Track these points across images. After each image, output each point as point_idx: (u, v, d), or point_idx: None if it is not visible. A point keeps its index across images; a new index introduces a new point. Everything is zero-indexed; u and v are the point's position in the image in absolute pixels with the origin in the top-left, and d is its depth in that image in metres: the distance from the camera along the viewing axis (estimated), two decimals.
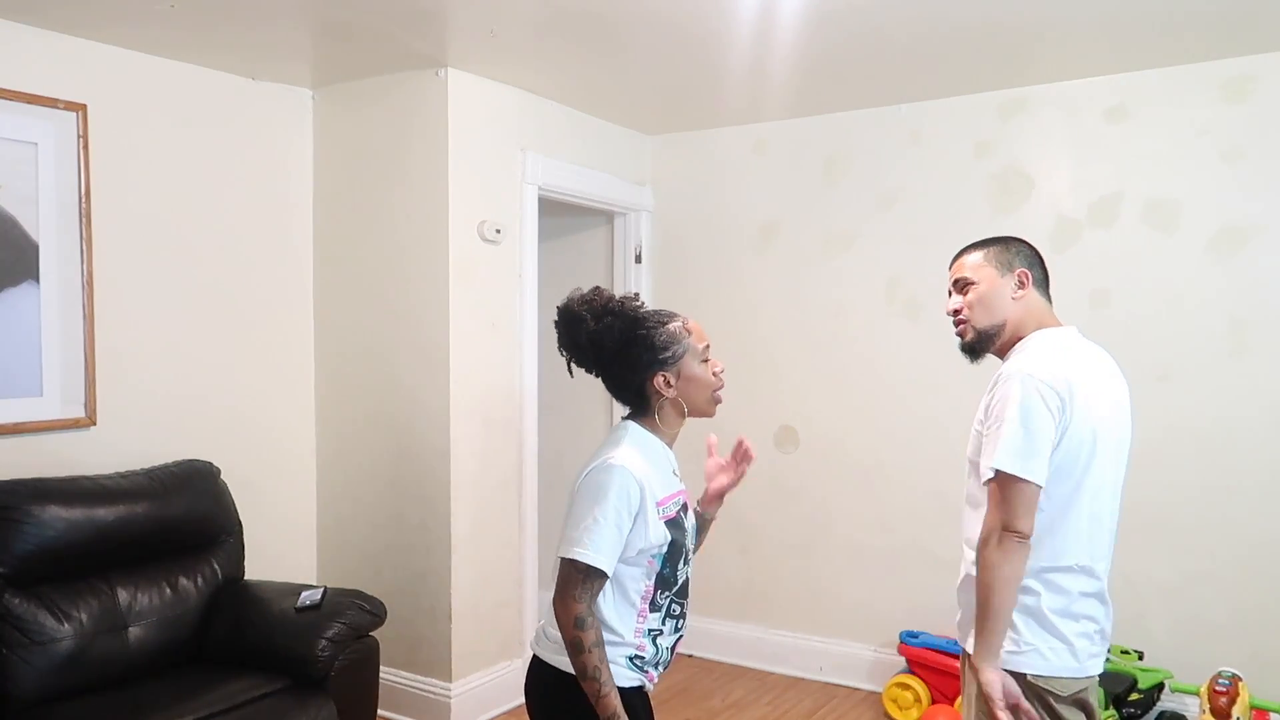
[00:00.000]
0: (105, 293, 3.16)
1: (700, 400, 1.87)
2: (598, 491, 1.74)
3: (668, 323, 1.84)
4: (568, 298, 1.87)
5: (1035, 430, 1.81)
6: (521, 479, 3.83)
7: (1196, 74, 3.37)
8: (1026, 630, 1.88)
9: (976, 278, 2.01)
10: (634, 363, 1.82)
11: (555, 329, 1.88)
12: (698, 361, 1.85)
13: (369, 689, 3.02)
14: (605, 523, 1.72)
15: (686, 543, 1.88)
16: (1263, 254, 3.30)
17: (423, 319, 3.55)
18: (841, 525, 4.08)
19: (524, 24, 3.02)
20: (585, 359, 1.87)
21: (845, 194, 4.07)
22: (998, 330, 2.00)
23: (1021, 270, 1.99)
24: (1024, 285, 1.98)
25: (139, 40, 3.15)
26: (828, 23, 2.97)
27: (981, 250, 2.04)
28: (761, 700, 3.93)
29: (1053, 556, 1.87)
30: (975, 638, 1.87)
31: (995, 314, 1.99)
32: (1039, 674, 1.87)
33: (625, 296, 1.87)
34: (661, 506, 1.80)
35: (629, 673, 1.81)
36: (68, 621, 2.68)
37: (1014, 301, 1.98)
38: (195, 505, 3.08)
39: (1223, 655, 3.30)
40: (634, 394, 1.86)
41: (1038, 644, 1.87)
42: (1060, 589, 1.88)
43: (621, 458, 1.77)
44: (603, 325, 1.81)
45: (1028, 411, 1.81)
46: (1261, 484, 3.31)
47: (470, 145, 3.55)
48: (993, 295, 1.99)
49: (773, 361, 4.22)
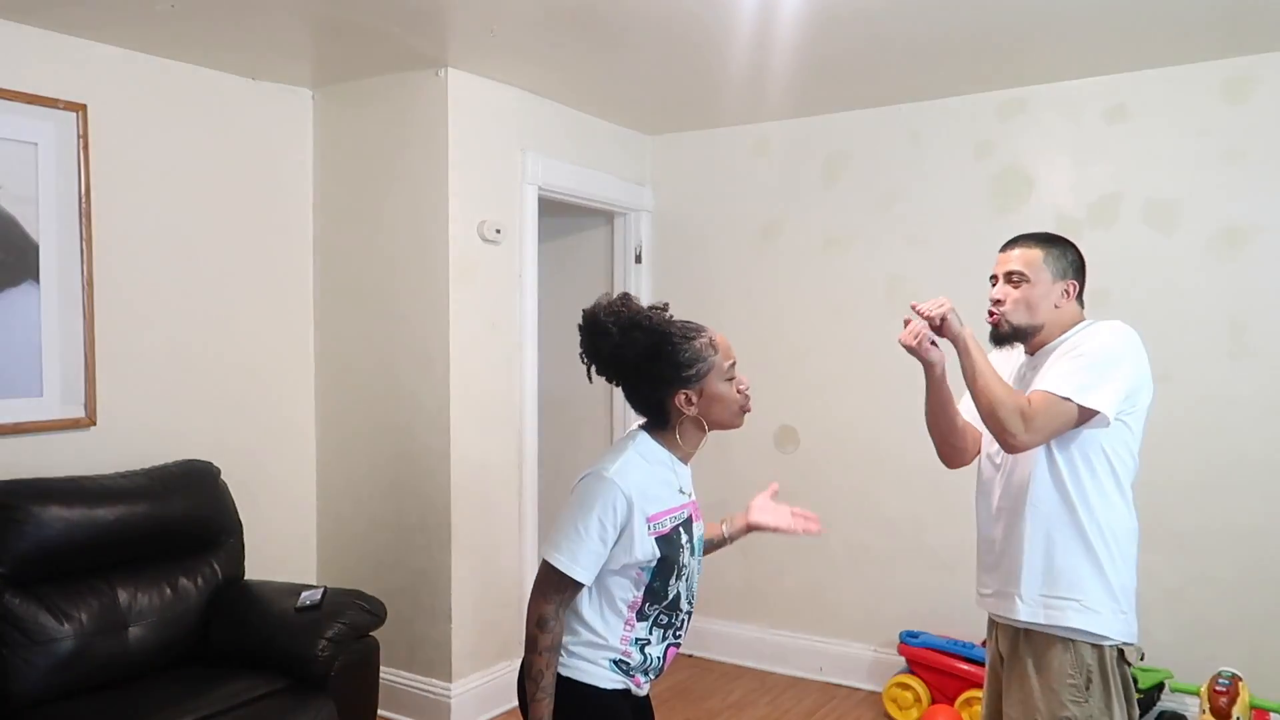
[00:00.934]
0: (105, 293, 3.16)
1: (723, 417, 1.82)
2: (585, 501, 1.73)
3: (694, 338, 1.78)
4: (595, 304, 1.81)
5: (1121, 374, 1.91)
6: (521, 479, 3.83)
7: (1196, 74, 3.37)
8: (1124, 598, 1.97)
9: (1032, 276, 2.02)
10: (656, 379, 1.78)
11: (580, 333, 1.83)
12: (722, 379, 1.79)
13: (369, 689, 3.02)
14: (587, 535, 1.71)
15: (681, 560, 1.82)
16: (1263, 254, 3.30)
17: (423, 319, 3.55)
18: (842, 525, 4.08)
19: (524, 24, 3.02)
20: (606, 370, 1.82)
21: (845, 194, 4.07)
22: (1034, 331, 2.05)
23: (1072, 282, 2.04)
24: (1069, 297, 2.04)
25: (139, 40, 3.15)
26: (828, 23, 2.97)
27: (1042, 249, 2.05)
28: (761, 700, 3.93)
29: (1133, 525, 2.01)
30: (976, 347, 1.96)
31: (1036, 316, 2.03)
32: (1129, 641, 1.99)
33: (654, 307, 1.81)
34: (653, 522, 1.77)
35: (613, 675, 1.80)
36: (68, 621, 2.67)
37: (1055, 310, 2.03)
38: (195, 505, 3.08)
39: (1223, 655, 3.30)
40: (654, 409, 1.82)
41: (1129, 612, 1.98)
42: (1129, 558, 2.01)
43: (617, 469, 1.74)
44: (627, 340, 1.76)
45: (1122, 355, 1.93)
46: (1261, 484, 3.31)
47: (470, 145, 3.55)
48: (1040, 298, 2.02)
49: (773, 361, 4.22)
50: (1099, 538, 1.95)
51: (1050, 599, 1.97)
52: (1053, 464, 1.97)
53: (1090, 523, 1.95)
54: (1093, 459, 1.96)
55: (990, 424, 1.93)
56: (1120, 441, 1.97)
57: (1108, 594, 1.95)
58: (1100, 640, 1.94)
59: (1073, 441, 1.95)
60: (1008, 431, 1.88)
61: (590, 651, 1.79)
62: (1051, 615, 1.96)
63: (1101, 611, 1.94)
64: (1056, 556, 1.97)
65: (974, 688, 3.50)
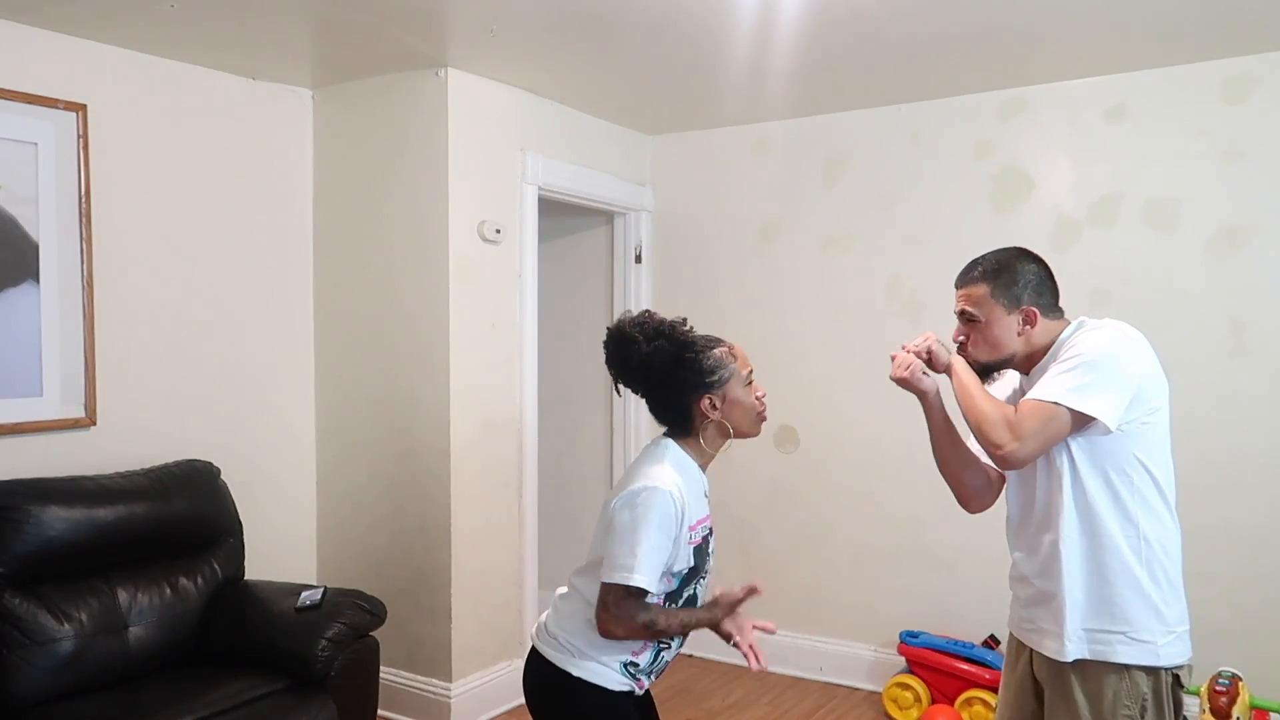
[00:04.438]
0: (105, 293, 3.16)
1: (744, 422, 1.91)
2: (646, 513, 1.77)
3: (714, 348, 1.90)
4: (619, 319, 1.93)
5: (1118, 377, 1.82)
6: (521, 479, 3.83)
7: (1196, 74, 3.37)
8: (1174, 617, 1.89)
9: (982, 315, 1.93)
10: (681, 385, 1.87)
11: (605, 349, 1.92)
12: (742, 386, 1.90)
13: (369, 689, 3.02)
14: (654, 546, 1.76)
15: (705, 566, 1.93)
16: (1263, 254, 3.30)
17: (423, 319, 3.55)
18: (842, 525, 4.08)
19: (524, 24, 3.02)
20: (633, 380, 1.92)
21: (845, 194, 4.07)
22: (1005, 362, 1.97)
23: (1029, 309, 1.91)
24: (1032, 323, 1.92)
25: (139, 40, 3.15)
26: (828, 23, 2.97)
27: (987, 283, 1.93)
28: (761, 700, 3.93)
29: (1177, 534, 1.94)
30: (966, 372, 1.91)
31: (1001, 350, 1.95)
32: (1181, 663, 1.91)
33: (675, 321, 1.92)
34: (693, 531, 1.85)
35: (621, 677, 1.87)
36: (68, 621, 2.67)
37: (1020, 337, 1.93)
38: (195, 505, 3.08)
39: (1223, 655, 3.30)
40: (679, 415, 1.91)
41: (1180, 630, 1.91)
42: (1176, 572, 1.95)
43: (667, 480, 1.81)
44: (654, 348, 1.86)
45: (1114, 357, 1.83)
46: (1262, 483, 3.31)
47: (470, 145, 3.55)
48: (999, 334, 1.93)
49: (773, 361, 4.21)
50: (1138, 558, 1.86)
51: (1095, 633, 1.87)
52: (1079, 489, 1.88)
53: (1129, 544, 1.86)
54: (1129, 471, 1.87)
55: (979, 439, 1.88)
56: (1152, 445, 1.89)
57: (1155, 618, 1.86)
58: (1154, 667, 1.87)
59: (1103, 459, 1.86)
60: (995, 443, 1.82)
61: (603, 654, 1.85)
62: (1098, 650, 1.87)
63: (1150, 640, 1.85)
64: (1095, 587, 1.87)
65: (974, 688, 3.51)
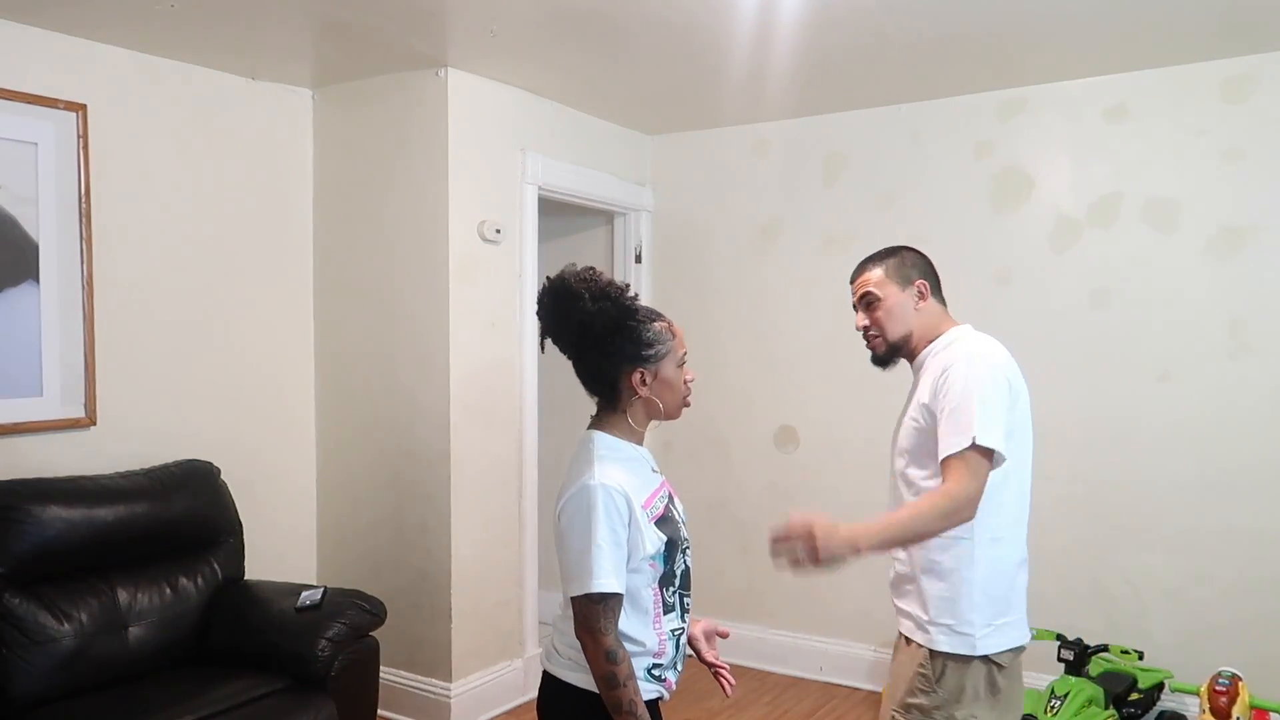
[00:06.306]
0: (105, 293, 3.16)
1: (670, 403, 1.84)
2: (586, 516, 1.70)
3: (655, 321, 1.81)
4: (562, 271, 1.79)
5: (998, 406, 1.92)
6: (521, 479, 3.83)
7: (1196, 74, 3.37)
8: (990, 608, 1.98)
9: (882, 294, 2.12)
10: (616, 353, 1.78)
11: (539, 301, 1.80)
12: (675, 366, 1.83)
13: (369, 689, 3.02)
14: (604, 544, 1.68)
15: (681, 534, 1.85)
16: (1262, 254, 3.30)
17: (423, 319, 3.55)
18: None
19: (524, 24, 3.02)
20: (565, 339, 1.81)
21: (845, 194, 4.07)
22: (906, 340, 2.12)
23: (920, 282, 2.12)
24: (924, 297, 2.11)
25: (139, 40, 3.15)
26: (828, 23, 2.97)
27: (880, 266, 2.14)
28: (761, 700, 3.93)
29: (993, 530, 1.99)
30: (877, 535, 1.92)
31: (904, 324, 2.12)
32: (1006, 648, 1.99)
33: (621, 285, 1.82)
34: (648, 508, 1.77)
35: (647, 685, 1.78)
36: (68, 621, 2.67)
37: (916, 313, 2.11)
38: (195, 505, 3.08)
39: (1223, 655, 3.30)
40: (606, 386, 1.82)
41: (995, 622, 1.98)
42: (1001, 563, 2.01)
43: (598, 476, 1.72)
44: (598, 308, 1.75)
45: (989, 389, 1.93)
46: (1261, 484, 3.31)
47: (470, 145, 3.55)
48: (898, 309, 2.11)
49: (773, 361, 4.22)
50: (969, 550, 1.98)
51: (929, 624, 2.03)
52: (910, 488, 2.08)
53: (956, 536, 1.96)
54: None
55: (948, 531, 1.94)
56: None
57: (996, 608, 1.99)
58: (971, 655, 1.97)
59: (924, 454, 2.00)
60: (957, 520, 1.89)
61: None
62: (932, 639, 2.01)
63: (971, 633, 1.97)
64: (923, 581, 2.05)
65: None
